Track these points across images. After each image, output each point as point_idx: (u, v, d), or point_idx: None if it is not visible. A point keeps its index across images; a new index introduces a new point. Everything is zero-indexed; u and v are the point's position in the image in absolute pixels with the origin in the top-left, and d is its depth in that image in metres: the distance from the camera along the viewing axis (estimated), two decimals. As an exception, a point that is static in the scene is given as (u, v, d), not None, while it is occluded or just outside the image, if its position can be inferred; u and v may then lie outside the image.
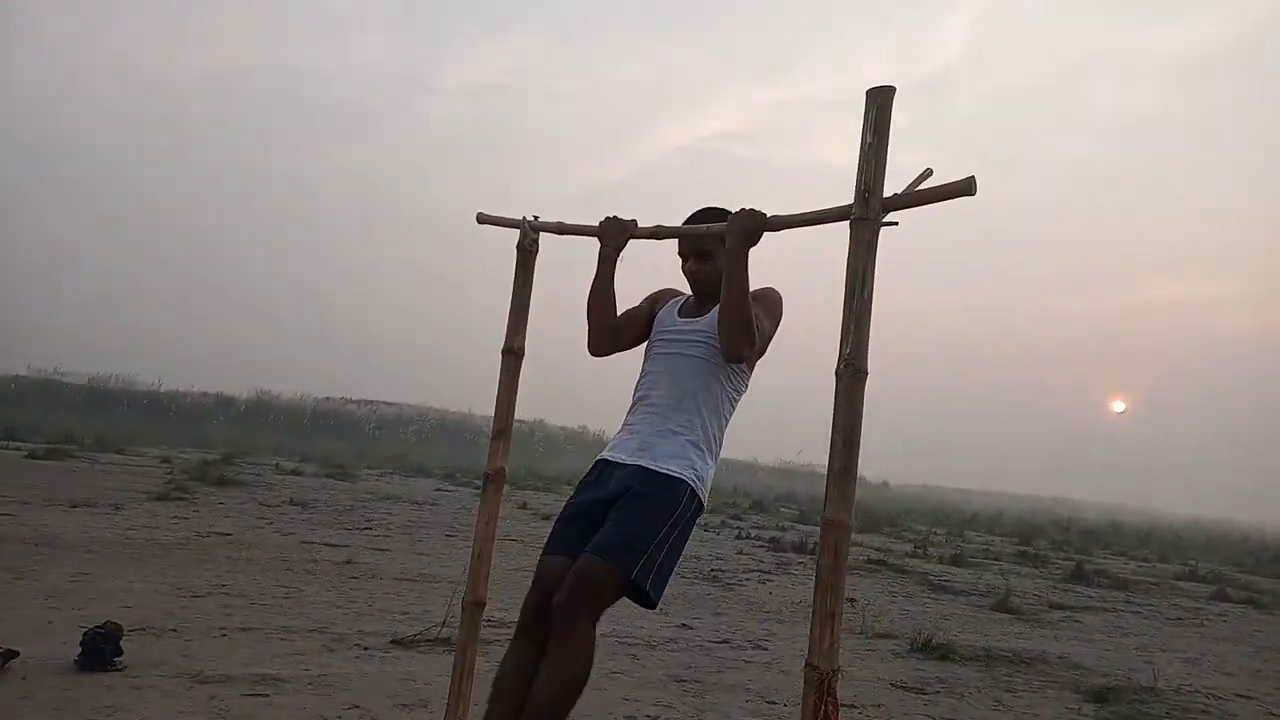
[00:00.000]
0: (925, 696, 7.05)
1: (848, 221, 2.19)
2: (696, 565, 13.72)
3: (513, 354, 3.03)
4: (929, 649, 8.66)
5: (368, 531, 13.59)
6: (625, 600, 2.77)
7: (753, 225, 2.54)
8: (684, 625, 8.89)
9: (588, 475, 2.67)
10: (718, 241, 2.72)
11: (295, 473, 25.89)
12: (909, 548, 20.65)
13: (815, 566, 2.15)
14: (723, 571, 13.28)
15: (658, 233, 2.89)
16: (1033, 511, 56.08)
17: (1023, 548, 24.00)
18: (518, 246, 3.13)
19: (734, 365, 2.72)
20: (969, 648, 9.02)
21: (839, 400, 2.13)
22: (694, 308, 2.91)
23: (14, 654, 5.35)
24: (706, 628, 8.95)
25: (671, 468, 2.56)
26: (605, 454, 2.67)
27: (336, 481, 23.45)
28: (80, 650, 5.50)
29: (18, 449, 23.70)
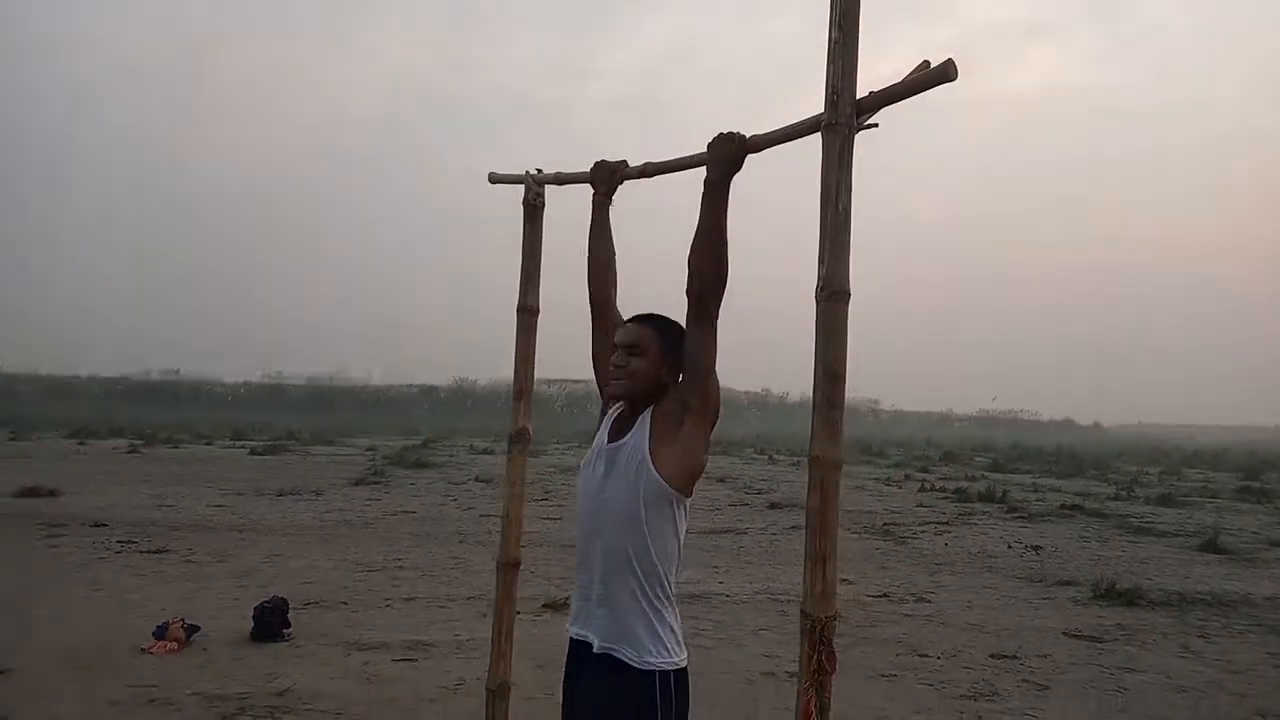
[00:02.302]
0: (1101, 645, 6.57)
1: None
2: (869, 519, 13.37)
3: (528, 312, 3.02)
4: (1113, 595, 8.06)
5: (544, 503, 14.05)
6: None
7: (733, 149, 2.37)
8: (844, 580, 8.66)
9: (568, 657, 2.53)
10: (650, 337, 2.48)
11: (487, 452, 27.17)
12: (1113, 490, 19.32)
13: (805, 512, 2.01)
14: (896, 525, 12.86)
15: (645, 170, 2.79)
16: (1267, 443, 51.13)
17: (1247, 483, 21.93)
18: (524, 203, 3.11)
19: (666, 498, 2.36)
20: (1160, 591, 8.34)
21: (819, 326, 1.95)
22: (621, 423, 2.54)
23: (196, 628, 5.89)
24: (869, 582, 8.70)
25: (631, 657, 2.33)
26: (571, 628, 2.50)
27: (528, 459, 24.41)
28: (252, 624, 5.99)
29: (243, 448, 26.14)
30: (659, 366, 2.48)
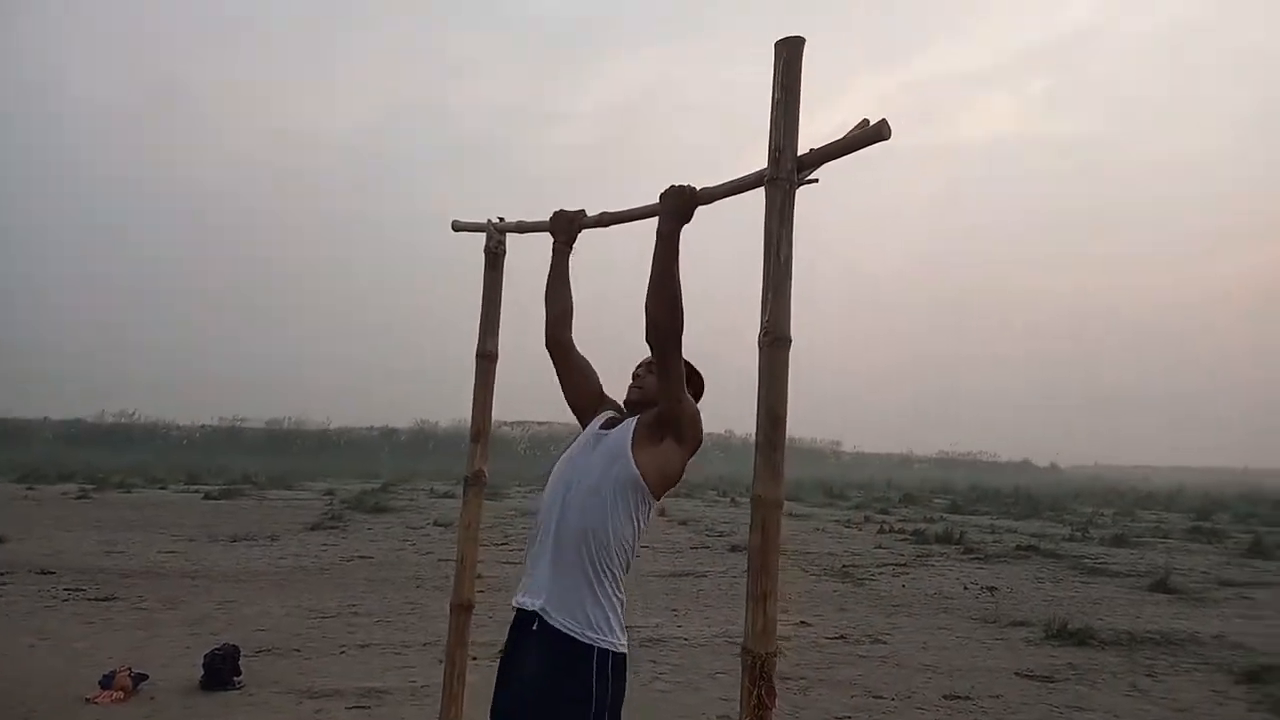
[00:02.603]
0: (1052, 685, 6.66)
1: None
2: (829, 561, 13.43)
3: (486, 358, 3.09)
4: (1065, 635, 8.18)
5: (503, 547, 13.95)
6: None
7: (683, 201, 2.48)
8: (802, 623, 8.71)
9: (510, 628, 2.56)
10: None
11: (448, 495, 26.91)
12: (1068, 531, 19.59)
13: (746, 549, 2.08)
14: (855, 567, 12.93)
15: (602, 220, 2.89)
16: (1219, 485, 52.16)
17: (1199, 523, 22.35)
18: (485, 250, 3.18)
19: (635, 487, 2.48)
20: (1111, 631, 8.47)
21: (762, 371, 2.04)
22: (613, 421, 2.72)
23: (144, 677, 5.78)
24: (826, 624, 8.75)
25: (573, 627, 2.39)
26: (516, 598, 2.56)
27: (485, 502, 24.20)
28: (202, 672, 5.89)
29: (197, 492, 25.64)
30: None
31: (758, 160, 2.31)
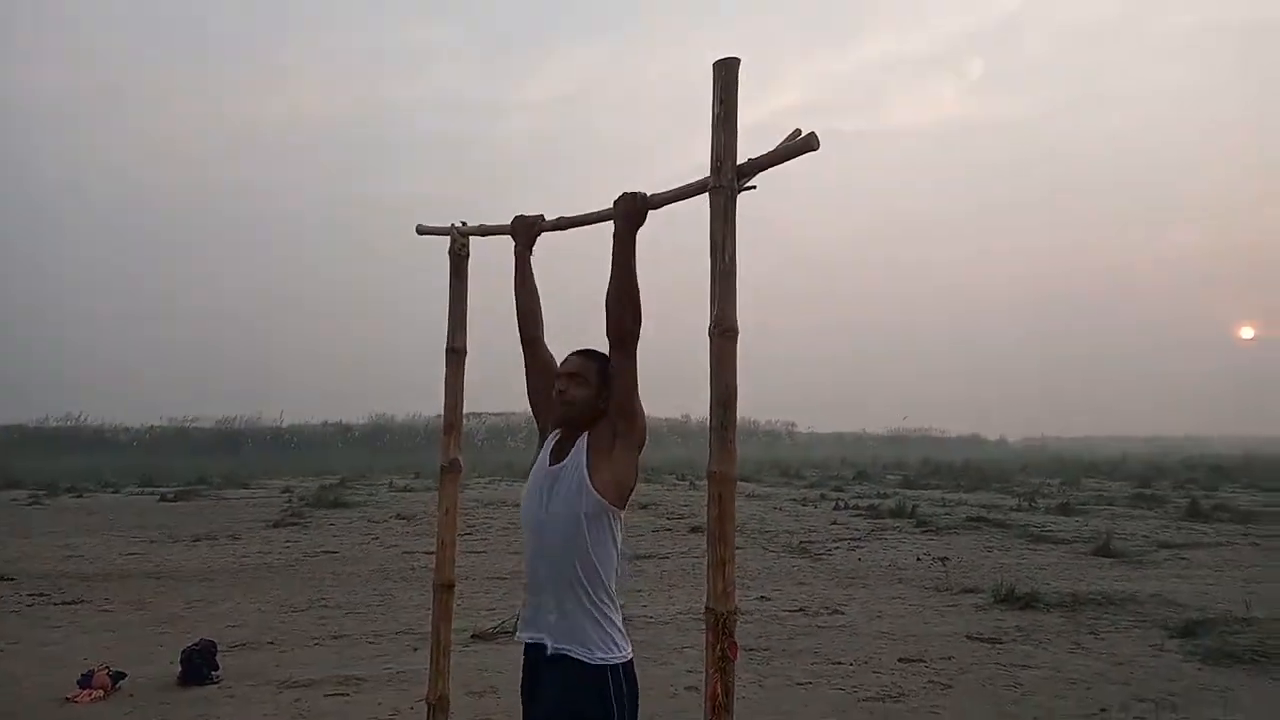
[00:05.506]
0: (1000, 645, 7.01)
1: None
2: (787, 539, 13.78)
3: (455, 353, 3.29)
4: (1012, 599, 8.57)
5: (467, 536, 14.08)
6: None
7: (635, 207, 2.70)
8: (763, 597, 9.01)
9: (523, 669, 2.74)
10: (591, 369, 2.81)
11: (407, 489, 26.88)
12: (1015, 502, 20.20)
13: (707, 521, 2.30)
14: (812, 543, 13.30)
15: (559, 223, 3.09)
16: (1161, 453, 53.79)
17: (1140, 490, 23.14)
18: (449, 253, 3.36)
19: (603, 511, 2.64)
20: (1055, 594, 8.87)
21: (712, 360, 2.25)
22: (560, 447, 2.81)
23: (122, 675, 5.88)
24: (785, 598, 9.05)
25: (582, 654, 2.58)
26: (523, 634, 2.72)
27: (444, 494, 24.24)
28: (180, 668, 6.01)
29: (153, 494, 25.35)
30: (597, 394, 2.78)
31: (704, 143, 2.48)
